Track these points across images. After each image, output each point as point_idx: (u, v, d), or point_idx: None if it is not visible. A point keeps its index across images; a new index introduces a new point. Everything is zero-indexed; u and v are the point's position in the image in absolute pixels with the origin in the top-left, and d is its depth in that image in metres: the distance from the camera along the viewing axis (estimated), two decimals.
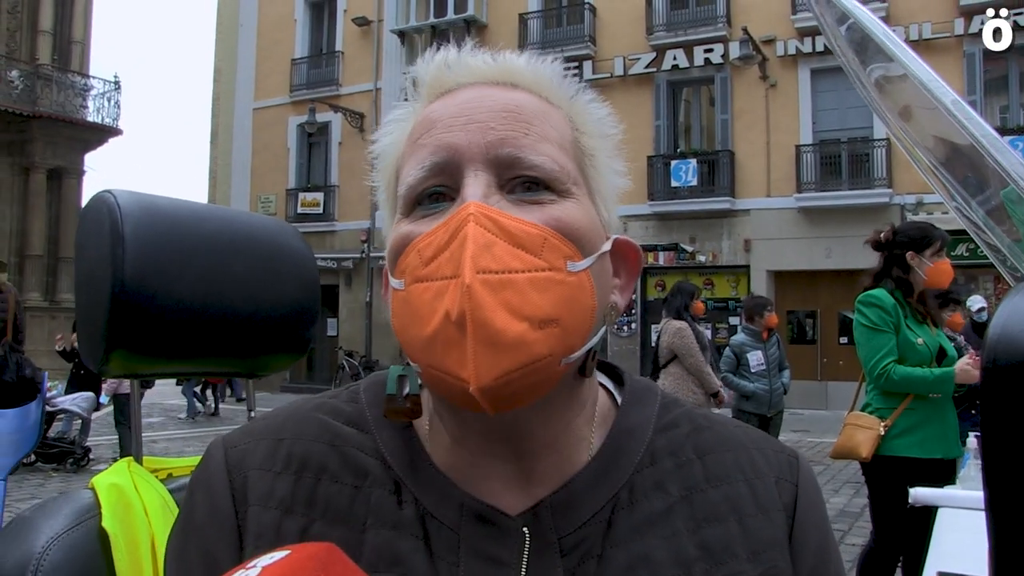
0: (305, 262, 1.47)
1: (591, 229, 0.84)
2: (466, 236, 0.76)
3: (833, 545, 0.94)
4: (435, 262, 0.77)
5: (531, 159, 0.82)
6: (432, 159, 0.83)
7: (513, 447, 0.85)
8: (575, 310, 0.78)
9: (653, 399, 0.97)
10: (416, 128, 0.88)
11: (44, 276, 26.31)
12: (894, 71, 1.07)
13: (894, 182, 21.26)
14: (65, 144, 27.10)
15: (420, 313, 0.77)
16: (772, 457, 0.94)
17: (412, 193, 0.84)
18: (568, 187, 0.84)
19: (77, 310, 1.32)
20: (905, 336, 4.49)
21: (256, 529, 0.84)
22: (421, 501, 0.85)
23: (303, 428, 0.91)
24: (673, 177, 23.39)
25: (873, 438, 4.52)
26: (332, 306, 28.63)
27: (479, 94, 0.87)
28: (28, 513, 1.17)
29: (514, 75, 0.89)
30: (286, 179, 30.51)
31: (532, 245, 0.77)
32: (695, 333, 7.81)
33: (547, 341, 0.75)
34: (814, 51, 22.20)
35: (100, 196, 1.28)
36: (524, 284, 0.75)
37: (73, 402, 11.92)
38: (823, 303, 22.63)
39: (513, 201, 0.82)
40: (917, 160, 1.16)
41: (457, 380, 0.74)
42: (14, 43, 26.93)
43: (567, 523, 0.84)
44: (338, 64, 29.93)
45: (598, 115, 0.94)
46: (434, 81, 0.91)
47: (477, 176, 0.81)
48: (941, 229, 4.67)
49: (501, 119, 0.84)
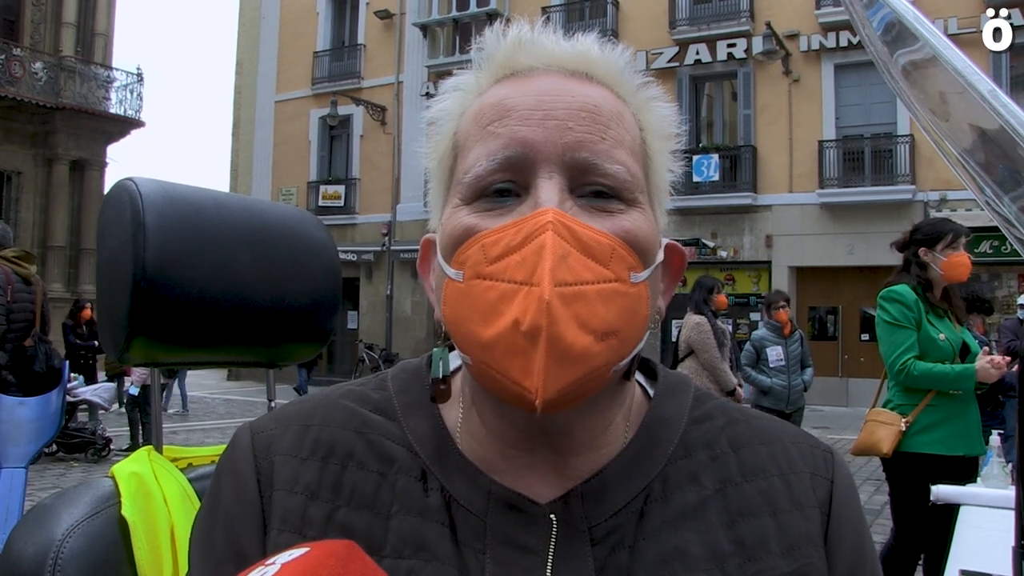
0: (327, 252, 1.47)
1: (653, 239, 0.85)
2: (544, 245, 0.75)
3: (869, 543, 0.93)
4: (502, 262, 0.76)
5: (606, 167, 0.82)
6: (505, 153, 0.82)
7: (551, 443, 0.85)
8: (633, 321, 0.79)
9: (687, 391, 0.97)
10: (486, 111, 0.86)
11: (66, 268, 26.45)
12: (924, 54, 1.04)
13: (917, 178, 21.11)
14: (88, 136, 27.22)
15: (482, 311, 0.76)
16: (808, 452, 0.93)
17: (479, 183, 0.83)
18: (636, 196, 0.84)
19: (98, 297, 1.32)
20: (926, 332, 4.48)
21: (281, 513, 0.84)
22: (447, 488, 0.84)
23: (331, 415, 0.91)
24: (695, 172, 23.28)
25: (894, 434, 4.51)
26: (352, 299, 28.71)
27: (556, 86, 0.85)
28: (49, 501, 1.18)
29: (589, 64, 0.88)
30: (307, 172, 30.60)
31: (602, 255, 0.77)
32: (714, 329, 7.75)
33: (606, 352, 0.76)
34: (838, 46, 22.06)
35: (122, 183, 1.28)
36: (593, 296, 0.75)
37: (94, 393, 12.01)
38: (845, 299, 22.51)
39: (583, 207, 0.81)
40: (946, 152, 1.14)
41: (518, 386, 0.74)
42: (38, 35, 27.07)
43: (598, 512, 0.83)
44: (360, 57, 29.98)
45: (662, 113, 0.93)
46: (506, 60, 0.88)
47: (552, 179, 0.80)
48: (957, 223, 4.67)
49: (580, 119, 0.82)
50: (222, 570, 0.84)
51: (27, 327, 6.98)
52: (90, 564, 1.10)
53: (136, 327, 1.23)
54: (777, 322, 8.29)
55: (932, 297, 4.57)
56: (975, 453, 4.49)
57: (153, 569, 1.15)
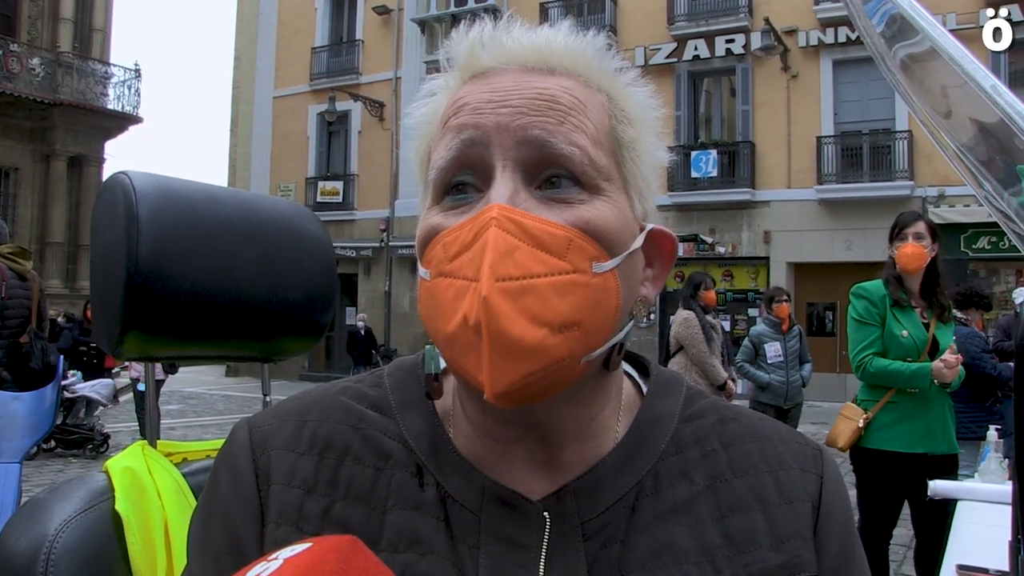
0: (322, 246, 1.47)
1: (621, 229, 0.83)
2: (487, 241, 0.75)
3: (856, 537, 0.94)
4: (458, 259, 0.77)
5: (561, 147, 0.80)
6: (459, 138, 0.82)
7: (538, 435, 0.85)
8: (598, 311, 0.78)
9: (679, 389, 0.97)
10: (447, 111, 0.86)
11: (64, 263, 26.47)
12: (923, 47, 1.04)
13: (915, 174, 21.11)
14: (85, 132, 27.22)
15: (443, 308, 0.77)
16: (797, 449, 0.94)
17: (442, 178, 0.84)
18: (599, 184, 0.82)
19: (92, 291, 1.32)
20: (889, 328, 4.54)
21: (278, 507, 0.85)
22: (443, 484, 0.85)
23: (328, 410, 0.92)
24: (693, 168, 23.28)
25: (852, 429, 4.63)
26: (351, 295, 28.71)
27: (514, 82, 0.84)
28: (42, 496, 1.17)
29: (551, 58, 0.86)
30: (305, 168, 30.57)
31: (556, 247, 0.76)
32: (703, 324, 7.75)
33: (567, 344, 0.75)
34: (836, 42, 22.05)
35: (115, 177, 1.28)
36: (545, 289, 0.74)
37: (92, 389, 12.01)
38: (843, 295, 22.20)
39: (541, 200, 0.80)
40: (943, 146, 1.14)
41: (475, 380, 0.75)
42: (35, 31, 27.06)
43: (590, 507, 0.84)
44: (358, 53, 29.95)
45: (641, 97, 0.92)
46: (466, 62, 0.88)
47: (505, 171, 0.80)
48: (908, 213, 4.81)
49: (535, 106, 0.82)
50: (220, 563, 0.85)
51: (23, 323, 6.98)
52: (83, 558, 1.10)
53: (130, 321, 1.23)
54: (777, 317, 8.31)
55: (908, 291, 4.59)
56: (938, 452, 4.48)
57: (147, 564, 1.15)
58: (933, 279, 4.61)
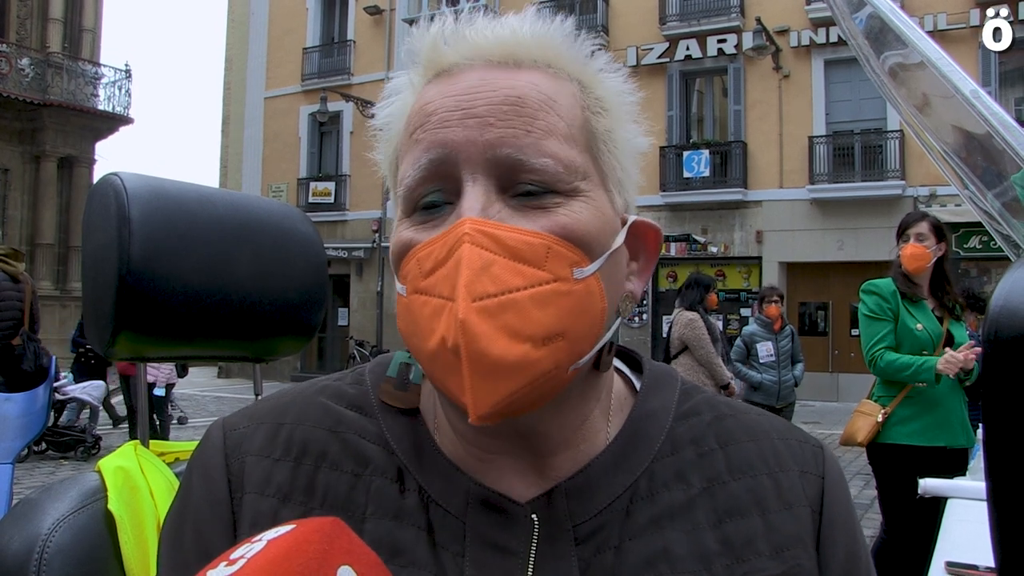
0: (313, 246, 1.47)
1: (601, 228, 0.80)
2: (460, 258, 0.72)
3: (862, 540, 0.92)
4: (433, 276, 0.74)
5: (532, 162, 0.77)
6: (428, 156, 0.79)
7: (527, 444, 0.83)
8: (583, 318, 0.75)
9: (673, 385, 0.95)
10: (412, 118, 0.83)
11: (55, 265, 26.29)
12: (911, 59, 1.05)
13: (907, 174, 21.17)
14: (76, 133, 27.04)
15: (420, 326, 0.75)
16: (796, 448, 0.91)
17: (411, 195, 0.81)
18: (576, 185, 0.79)
19: (84, 292, 1.32)
20: (904, 322, 4.56)
21: (251, 517, 0.82)
22: (425, 488, 0.83)
23: (304, 413, 0.89)
24: (685, 168, 23.31)
25: (871, 424, 4.61)
26: (344, 296, 28.68)
27: (478, 82, 0.80)
28: (34, 495, 1.18)
29: (518, 50, 0.82)
30: (297, 168, 30.54)
31: (535, 257, 0.74)
32: (707, 325, 7.78)
33: (552, 356, 0.73)
34: (828, 42, 22.09)
35: (107, 179, 1.28)
36: (526, 302, 0.72)
37: (83, 390, 11.97)
38: (835, 295, 22.54)
39: (516, 207, 0.77)
40: (929, 147, 1.15)
41: (459, 402, 0.73)
42: (24, 31, 26.88)
43: (584, 509, 0.81)
44: (350, 53, 29.91)
45: (612, 83, 0.87)
46: (429, 59, 0.85)
47: (475, 183, 0.77)
48: (914, 213, 4.84)
49: (502, 113, 0.78)
50: (190, 570, 0.81)
51: (15, 325, 6.96)
52: (76, 558, 1.10)
53: (122, 321, 1.24)
54: (768, 317, 8.33)
55: (917, 289, 4.62)
56: (956, 445, 4.53)
57: (139, 563, 1.15)
58: (941, 277, 4.67)
